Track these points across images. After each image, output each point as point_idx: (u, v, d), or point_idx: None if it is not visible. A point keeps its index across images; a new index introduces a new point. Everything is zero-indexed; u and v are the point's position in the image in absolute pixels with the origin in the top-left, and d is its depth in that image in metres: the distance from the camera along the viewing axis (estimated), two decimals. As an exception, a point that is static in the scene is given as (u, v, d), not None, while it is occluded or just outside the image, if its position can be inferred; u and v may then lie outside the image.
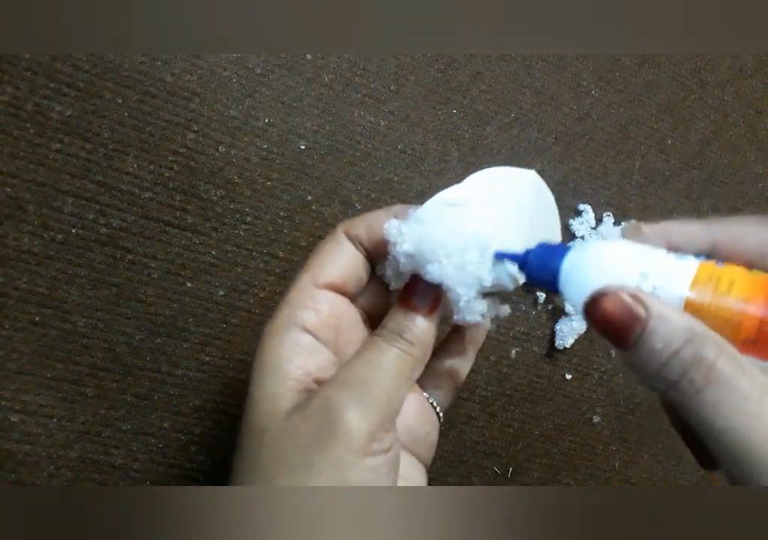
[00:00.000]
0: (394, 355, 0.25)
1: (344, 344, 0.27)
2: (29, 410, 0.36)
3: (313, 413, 0.23)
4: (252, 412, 0.24)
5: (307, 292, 0.26)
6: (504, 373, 0.47)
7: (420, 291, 0.25)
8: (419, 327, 0.25)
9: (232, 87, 0.40)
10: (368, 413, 0.23)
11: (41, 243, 0.37)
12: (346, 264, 0.27)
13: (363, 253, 0.28)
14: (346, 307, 0.27)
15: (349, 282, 0.27)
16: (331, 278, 0.27)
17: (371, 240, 0.27)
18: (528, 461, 0.47)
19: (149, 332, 0.38)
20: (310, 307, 0.26)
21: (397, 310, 0.26)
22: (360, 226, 0.27)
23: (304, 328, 0.26)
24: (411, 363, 0.25)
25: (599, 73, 0.50)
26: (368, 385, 0.24)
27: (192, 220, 0.39)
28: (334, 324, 0.27)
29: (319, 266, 0.27)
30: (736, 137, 0.55)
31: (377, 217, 0.27)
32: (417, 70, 0.45)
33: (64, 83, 0.37)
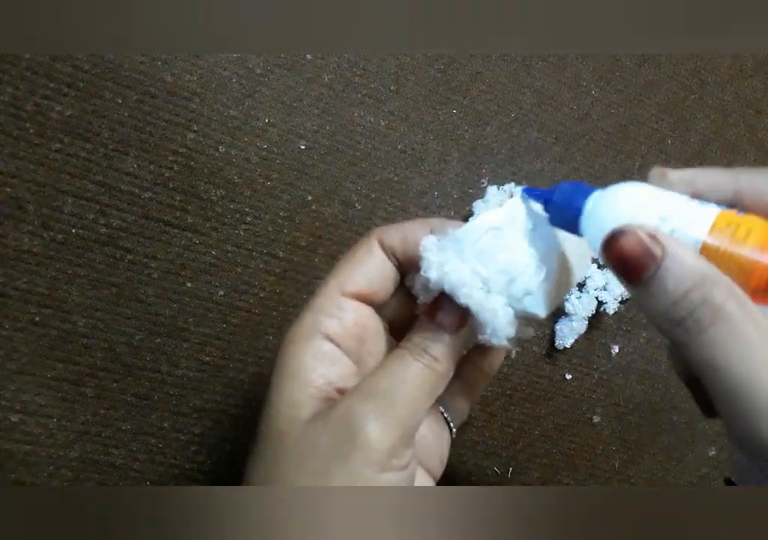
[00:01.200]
0: (418, 370, 0.24)
1: (366, 355, 0.27)
2: (29, 410, 0.36)
3: (335, 422, 0.23)
4: (271, 416, 0.24)
5: (333, 299, 0.26)
6: (504, 373, 0.47)
7: (447, 309, 0.25)
8: (445, 343, 0.25)
9: (232, 87, 0.40)
10: (390, 427, 0.23)
11: (41, 243, 0.37)
12: (376, 273, 0.27)
13: (394, 263, 0.27)
14: (371, 317, 0.27)
15: (377, 292, 0.27)
16: (359, 287, 0.26)
17: (404, 252, 0.27)
18: (528, 461, 0.47)
19: (149, 332, 0.38)
20: (335, 315, 0.26)
21: (423, 324, 0.25)
22: (395, 236, 0.27)
23: (327, 337, 0.25)
24: (435, 378, 0.25)
25: (599, 73, 0.50)
26: (391, 398, 0.23)
27: (192, 220, 0.39)
28: (358, 334, 0.26)
29: (347, 274, 0.26)
30: (736, 137, 0.55)
31: (413, 228, 0.27)
32: (417, 70, 0.45)
33: (64, 83, 0.37)
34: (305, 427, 0.23)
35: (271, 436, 0.24)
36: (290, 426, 0.24)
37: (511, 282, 0.25)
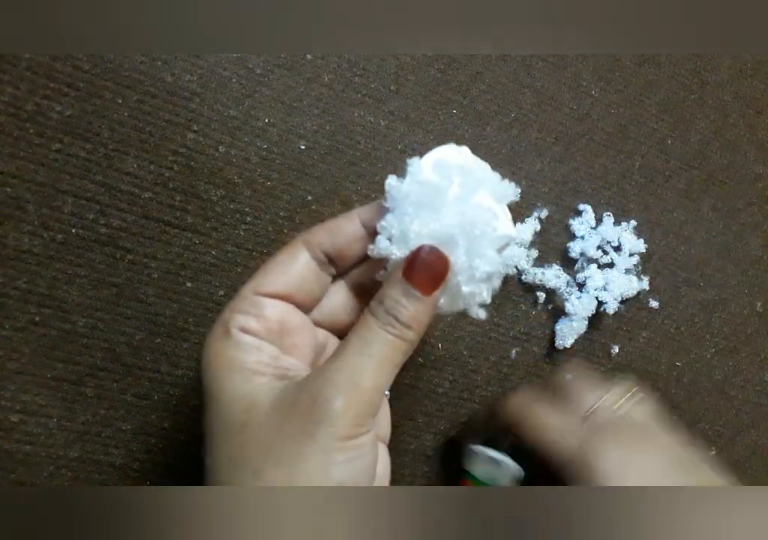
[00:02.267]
0: (386, 342, 0.24)
1: (290, 346, 0.27)
2: (29, 410, 0.36)
3: (301, 407, 0.23)
4: (226, 412, 0.24)
5: (248, 299, 0.26)
6: (504, 373, 0.47)
7: (427, 265, 0.24)
8: (418, 309, 0.24)
9: (232, 87, 0.40)
10: (355, 403, 0.23)
11: (41, 243, 0.37)
12: (295, 274, 0.27)
13: (322, 261, 0.28)
14: (291, 313, 0.27)
15: (297, 293, 0.27)
16: (275, 288, 0.27)
17: (335, 246, 0.27)
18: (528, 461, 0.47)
19: (149, 332, 0.38)
20: (250, 312, 0.26)
21: (395, 283, 0.25)
22: (320, 233, 0.28)
23: (244, 330, 0.26)
24: (404, 348, 0.25)
25: (599, 73, 0.50)
26: (358, 375, 0.23)
27: (192, 220, 0.39)
28: (278, 329, 0.26)
29: (263, 276, 0.27)
30: (736, 137, 0.55)
31: (339, 222, 0.28)
32: (417, 70, 0.45)
33: (64, 83, 0.37)
34: (269, 414, 0.23)
35: (231, 429, 0.24)
36: (250, 415, 0.24)
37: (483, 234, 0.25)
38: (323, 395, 0.23)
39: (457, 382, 0.45)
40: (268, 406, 0.24)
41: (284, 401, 0.24)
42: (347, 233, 0.28)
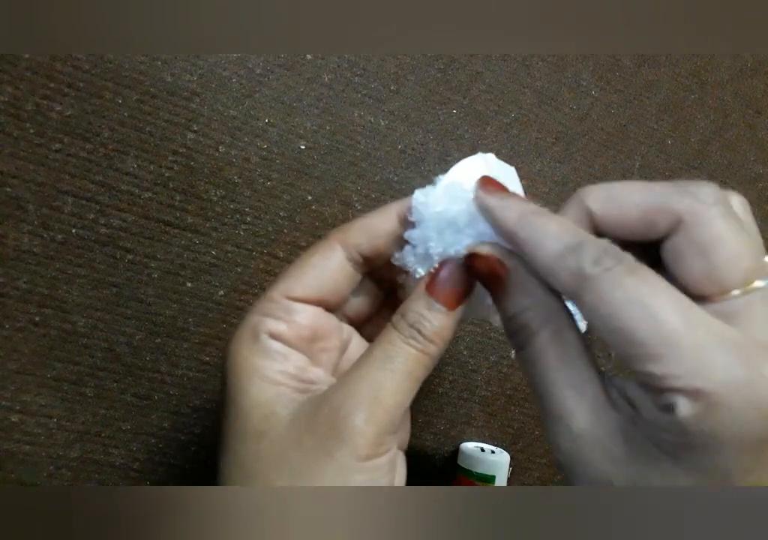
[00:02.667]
0: (409, 356, 0.23)
1: (318, 351, 0.26)
2: (29, 410, 0.36)
3: (321, 421, 0.23)
4: (244, 418, 0.24)
5: (278, 302, 0.25)
6: (504, 373, 0.47)
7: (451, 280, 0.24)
8: (442, 323, 0.24)
9: (232, 87, 0.40)
10: (376, 420, 0.22)
11: (41, 243, 0.37)
12: (329, 279, 0.26)
13: (357, 261, 0.26)
14: (321, 317, 0.26)
15: (330, 297, 0.26)
16: (308, 293, 0.26)
17: (372, 246, 0.26)
18: (528, 461, 0.47)
19: (149, 332, 0.38)
20: (280, 317, 0.25)
21: (419, 297, 0.24)
22: (358, 233, 0.26)
23: (272, 336, 0.25)
24: (427, 363, 0.24)
25: (599, 73, 0.50)
26: (379, 391, 0.23)
27: (192, 220, 0.39)
28: (308, 335, 0.26)
29: (296, 279, 0.26)
30: (736, 137, 0.55)
31: (375, 220, 0.26)
32: (417, 70, 0.45)
33: (64, 83, 0.37)
34: (288, 426, 0.23)
35: (248, 435, 0.23)
36: (269, 425, 0.23)
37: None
38: (344, 410, 0.22)
39: (457, 382, 0.45)
40: (287, 417, 0.23)
41: (304, 413, 0.23)
42: (386, 233, 0.26)
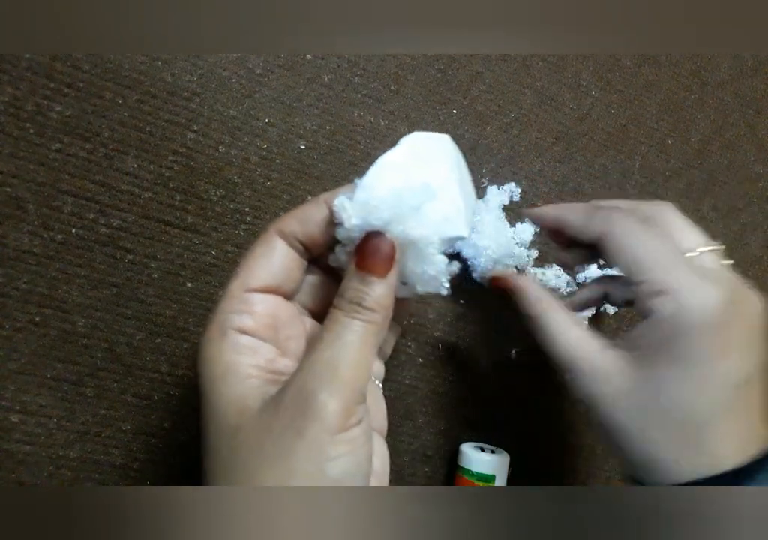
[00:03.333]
0: (357, 328, 0.25)
1: (285, 340, 0.27)
2: (29, 410, 0.36)
3: (287, 404, 0.23)
4: (220, 416, 0.24)
5: (238, 297, 0.26)
6: (504, 373, 0.47)
7: (374, 249, 0.25)
8: (377, 292, 0.25)
9: (232, 87, 0.40)
10: (340, 392, 0.23)
11: (41, 243, 0.37)
12: (278, 265, 0.27)
13: (299, 249, 0.28)
14: (281, 306, 0.28)
15: (283, 283, 0.27)
16: (262, 282, 0.27)
17: (306, 233, 0.27)
18: (528, 461, 0.47)
19: (149, 332, 0.38)
20: (243, 310, 0.26)
21: (352, 275, 0.26)
22: (292, 222, 0.28)
23: (240, 330, 0.26)
24: (375, 331, 0.25)
25: (599, 73, 0.50)
26: (336, 365, 0.24)
27: (192, 220, 0.39)
28: (272, 323, 0.27)
29: (248, 271, 0.27)
30: (736, 137, 0.55)
31: (308, 209, 0.28)
32: (417, 70, 0.45)
33: (64, 83, 0.37)
34: (258, 416, 0.24)
35: (224, 433, 0.24)
36: (242, 419, 0.24)
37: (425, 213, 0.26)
38: (307, 389, 0.23)
39: (457, 382, 0.45)
40: (257, 408, 0.24)
41: (272, 401, 0.24)
42: (318, 220, 0.28)
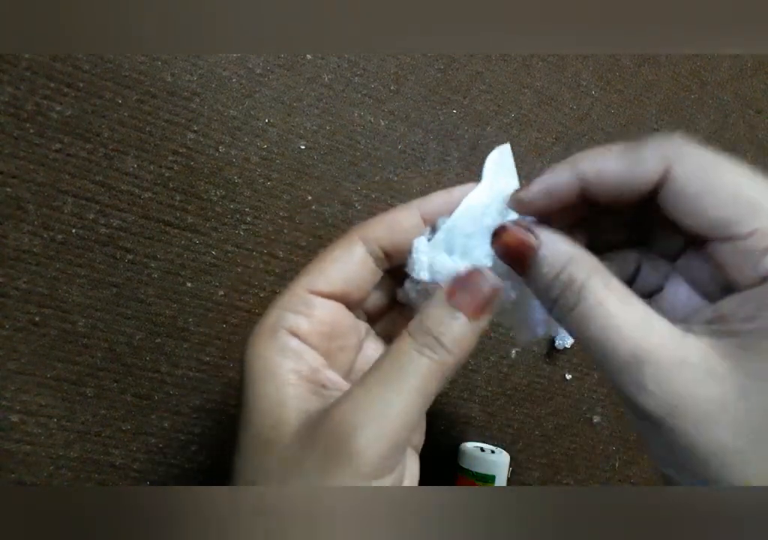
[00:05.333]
0: (424, 368, 0.22)
1: (336, 350, 0.25)
2: (29, 410, 0.36)
3: (324, 435, 0.21)
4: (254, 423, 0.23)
5: (300, 296, 0.25)
6: (504, 373, 0.47)
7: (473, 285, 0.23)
8: (463, 332, 0.22)
9: (232, 87, 0.40)
10: (382, 439, 0.21)
11: (41, 243, 0.37)
12: (351, 272, 0.25)
13: (378, 257, 0.26)
14: (342, 314, 0.26)
15: (352, 292, 0.25)
16: (331, 287, 0.25)
17: (392, 240, 0.25)
18: (528, 461, 0.47)
19: (149, 332, 0.38)
20: (301, 312, 0.24)
21: (440, 303, 0.22)
22: (378, 227, 0.26)
23: (291, 332, 0.24)
24: (441, 377, 0.22)
25: (599, 73, 0.50)
26: (386, 407, 0.21)
27: (192, 220, 0.39)
28: (327, 331, 0.25)
29: (319, 273, 0.25)
30: (736, 137, 0.55)
31: (397, 215, 0.26)
32: (417, 70, 0.45)
33: (64, 83, 0.37)
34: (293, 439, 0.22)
35: (258, 444, 0.23)
36: (276, 434, 0.22)
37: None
38: (347, 425, 0.21)
39: (457, 382, 0.45)
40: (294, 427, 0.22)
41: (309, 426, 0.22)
42: (407, 228, 0.25)
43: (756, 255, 0.19)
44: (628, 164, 0.22)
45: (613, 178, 0.22)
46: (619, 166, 0.22)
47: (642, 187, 0.22)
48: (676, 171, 0.21)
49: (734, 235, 0.20)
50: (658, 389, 0.19)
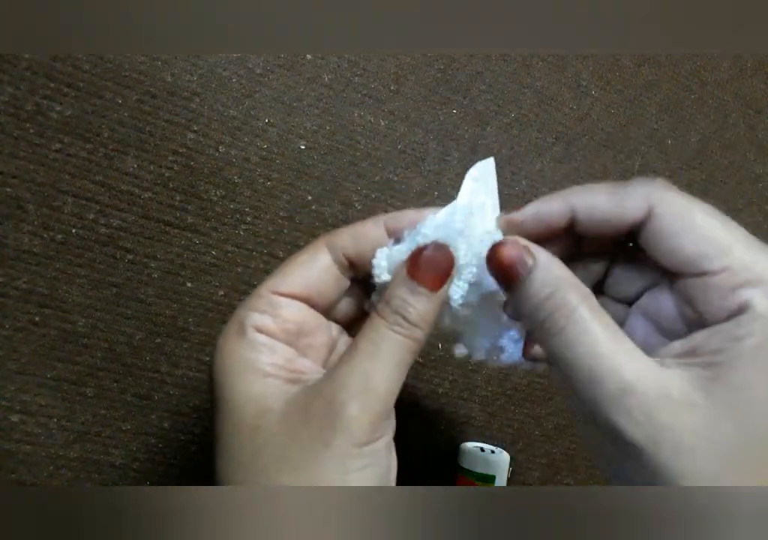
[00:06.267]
0: (396, 342, 0.24)
1: (305, 348, 0.27)
2: (29, 410, 0.36)
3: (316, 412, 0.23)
4: (238, 414, 0.24)
5: (265, 297, 0.26)
6: (504, 373, 0.47)
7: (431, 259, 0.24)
8: (425, 306, 0.24)
9: (232, 87, 0.40)
10: (370, 406, 0.23)
11: (41, 243, 0.37)
12: (314, 277, 0.26)
13: (343, 265, 0.27)
14: (308, 314, 0.27)
15: (314, 295, 0.27)
16: (293, 289, 0.26)
17: (357, 250, 0.27)
18: (528, 461, 0.47)
19: (149, 332, 0.38)
20: (266, 311, 0.25)
21: (401, 283, 0.24)
22: (344, 236, 0.27)
23: (258, 329, 0.25)
24: (413, 348, 0.24)
25: (599, 73, 0.50)
26: (369, 379, 0.23)
27: (192, 220, 0.39)
28: (293, 329, 0.26)
29: (283, 275, 0.26)
30: (736, 137, 0.55)
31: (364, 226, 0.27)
32: (417, 70, 0.45)
33: (64, 83, 0.37)
34: (282, 420, 0.23)
35: (242, 431, 0.24)
36: (262, 419, 0.23)
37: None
38: (337, 401, 0.23)
39: (457, 382, 0.45)
40: (280, 410, 0.23)
41: (297, 406, 0.23)
42: (372, 239, 0.27)
43: (725, 291, 0.21)
44: (616, 201, 0.24)
45: (602, 212, 0.24)
46: (609, 202, 0.24)
47: (627, 222, 0.24)
48: (659, 211, 0.23)
49: (707, 270, 0.22)
50: (645, 419, 0.20)
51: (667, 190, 0.23)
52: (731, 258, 0.21)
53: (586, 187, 0.25)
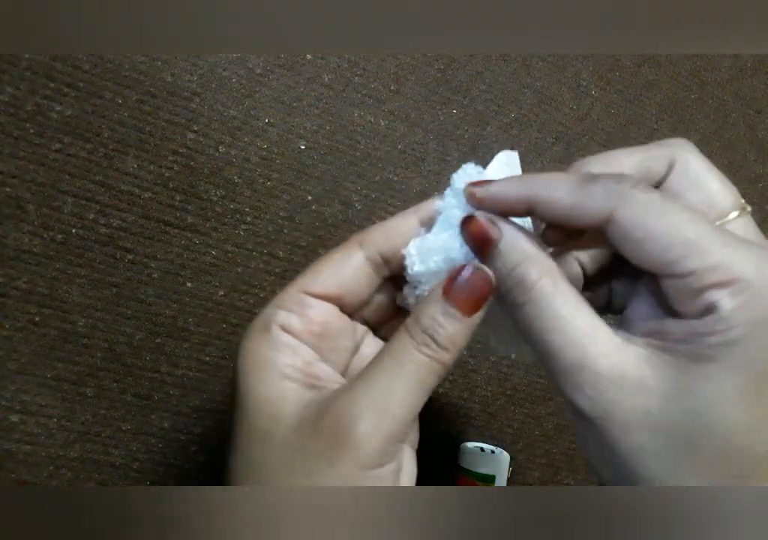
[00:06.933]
0: (421, 364, 0.22)
1: (329, 351, 0.26)
2: (29, 410, 0.36)
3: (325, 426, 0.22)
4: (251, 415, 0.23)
5: (294, 296, 0.25)
6: (504, 373, 0.47)
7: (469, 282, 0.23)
8: (456, 330, 0.23)
9: (232, 87, 0.40)
10: (382, 429, 0.22)
11: (41, 243, 0.37)
12: (347, 276, 0.26)
13: (377, 263, 0.26)
14: (335, 316, 0.26)
15: (346, 296, 0.26)
16: (324, 289, 0.25)
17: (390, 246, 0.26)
18: (528, 461, 0.47)
19: (149, 332, 0.38)
20: (293, 310, 0.25)
21: (434, 301, 0.23)
22: (377, 233, 0.26)
23: (283, 328, 0.25)
24: (439, 372, 0.23)
25: (599, 73, 0.50)
26: (387, 398, 0.22)
27: (192, 220, 0.39)
28: (319, 331, 0.25)
29: (314, 274, 0.26)
30: (736, 137, 0.55)
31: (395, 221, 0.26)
32: (417, 70, 0.45)
33: (64, 83, 0.37)
34: (293, 428, 0.22)
35: (255, 436, 0.23)
36: (275, 425, 0.23)
37: None
38: (349, 416, 0.22)
39: (457, 382, 0.45)
40: (293, 418, 0.23)
41: (310, 416, 0.22)
42: (404, 232, 0.26)
43: (693, 293, 0.21)
44: (577, 200, 0.22)
45: (560, 210, 0.23)
46: (568, 199, 0.23)
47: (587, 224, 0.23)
48: (619, 215, 0.22)
49: (674, 274, 0.21)
50: (595, 394, 0.21)
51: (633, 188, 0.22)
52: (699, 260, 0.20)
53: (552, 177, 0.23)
